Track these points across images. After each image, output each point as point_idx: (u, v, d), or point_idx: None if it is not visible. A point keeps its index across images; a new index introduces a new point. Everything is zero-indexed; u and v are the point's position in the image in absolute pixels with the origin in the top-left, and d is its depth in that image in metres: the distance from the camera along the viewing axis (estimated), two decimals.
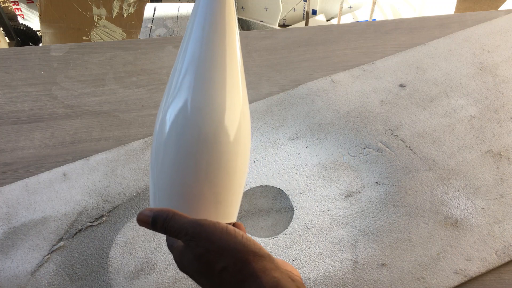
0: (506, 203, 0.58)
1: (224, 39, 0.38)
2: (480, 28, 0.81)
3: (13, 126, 0.69)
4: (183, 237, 0.35)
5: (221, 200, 0.39)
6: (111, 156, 0.64)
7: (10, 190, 0.60)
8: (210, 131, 0.37)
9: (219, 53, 0.38)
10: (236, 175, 0.39)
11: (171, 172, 0.38)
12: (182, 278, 0.53)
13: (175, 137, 0.37)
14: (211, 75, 0.38)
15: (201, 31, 0.38)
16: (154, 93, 0.73)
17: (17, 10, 1.90)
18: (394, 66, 0.75)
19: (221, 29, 0.38)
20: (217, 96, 0.37)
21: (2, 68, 0.77)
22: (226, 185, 0.39)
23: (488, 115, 0.68)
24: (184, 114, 0.37)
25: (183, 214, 0.36)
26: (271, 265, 0.34)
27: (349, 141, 0.65)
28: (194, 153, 0.37)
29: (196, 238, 0.34)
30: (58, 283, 0.52)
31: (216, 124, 0.37)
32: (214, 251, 0.34)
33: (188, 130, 0.37)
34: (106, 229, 0.56)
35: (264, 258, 0.34)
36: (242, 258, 0.33)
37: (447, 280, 0.52)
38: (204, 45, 0.38)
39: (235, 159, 0.39)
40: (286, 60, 0.78)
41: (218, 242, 0.34)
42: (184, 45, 0.39)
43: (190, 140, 0.37)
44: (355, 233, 0.56)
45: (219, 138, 0.37)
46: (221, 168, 0.38)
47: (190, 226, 0.34)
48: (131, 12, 1.56)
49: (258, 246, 0.35)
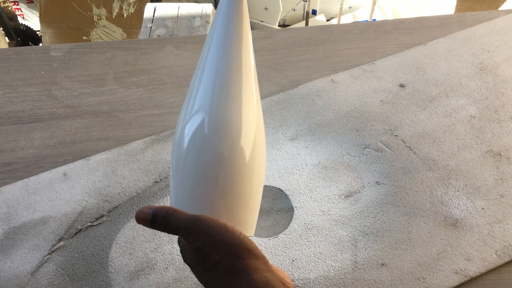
0: (506, 203, 0.58)
1: (241, 56, 0.39)
2: (480, 28, 0.81)
3: (13, 126, 0.69)
4: (182, 232, 0.35)
5: (238, 218, 0.39)
6: (111, 156, 0.64)
7: (10, 190, 0.60)
8: (226, 151, 0.38)
9: (237, 71, 0.39)
10: (253, 193, 0.40)
11: (190, 188, 0.39)
12: (182, 278, 0.53)
13: (193, 154, 0.38)
14: (229, 94, 0.38)
15: (221, 48, 0.39)
16: (154, 93, 0.73)
17: (17, 10, 1.90)
18: (394, 66, 0.75)
19: (239, 47, 0.39)
20: (234, 116, 0.38)
21: (2, 68, 0.77)
22: (243, 204, 0.39)
23: (488, 115, 0.68)
24: (201, 133, 0.38)
25: (182, 211, 0.36)
26: (264, 266, 0.35)
27: (349, 141, 0.65)
28: (211, 172, 0.38)
29: (195, 232, 0.35)
30: (58, 283, 0.52)
31: (232, 144, 0.38)
32: (210, 244, 0.34)
33: (205, 149, 0.38)
34: (106, 229, 0.56)
35: (258, 258, 0.35)
36: (237, 253, 0.34)
37: (447, 280, 0.52)
38: (223, 62, 0.39)
39: (251, 178, 0.39)
40: (286, 60, 0.78)
41: (215, 236, 0.34)
42: (204, 56, 0.40)
43: (207, 159, 0.38)
44: (355, 233, 0.56)
45: (235, 158, 0.38)
46: (237, 187, 0.39)
47: (189, 220, 0.35)
48: (131, 12, 1.56)
49: (254, 246, 0.35)
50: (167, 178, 0.61)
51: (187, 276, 0.53)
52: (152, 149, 0.64)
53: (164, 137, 0.66)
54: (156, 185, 0.60)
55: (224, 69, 0.39)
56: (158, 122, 0.69)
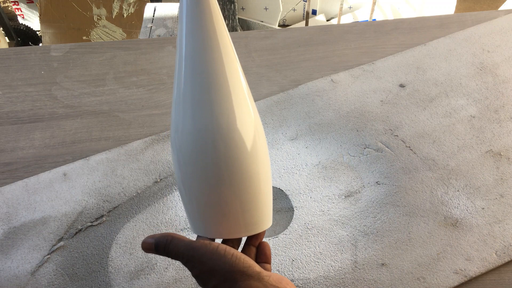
0: (506, 203, 0.58)
1: (218, 45, 0.37)
2: (480, 28, 0.81)
3: (13, 126, 0.69)
4: (182, 261, 0.38)
5: (248, 209, 0.40)
6: (111, 156, 0.64)
7: (10, 190, 0.60)
8: (222, 146, 0.37)
9: (214, 61, 0.37)
10: (261, 182, 0.40)
11: (198, 194, 0.39)
12: (182, 278, 0.53)
13: (195, 158, 0.38)
14: (213, 93, 0.37)
15: (191, 45, 0.36)
16: (154, 93, 0.73)
17: (17, 10, 1.90)
18: (394, 66, 0.75)
19: (211, 40, 0.36)
20: (223, 113, 0.37)
21: (2, 68, 0.77)
22: (250, 193, 0.40)
23: (488, 115, 0.68)
24: (192, 137, 0.38)
25: (180, 237, 0.39)
26: (258, 283, 0.36)
27: (349, 141, 0.65)
28: (214, 170, 0.38)
29: (190, 261, 0.37)
30: (58, 283, 0.52)
31: (229, 138, 0.38)
32: (205, 271, 0.37)
33: (202, 151, 0.38)
34: (106, 229, 0.56)
35: (251, 277, 0.36)
36: (230, 278, 0.36)
37: (447, 280, 0.52)
38: (199, 59, 0.37)
39: (255, 166, 0.39)
40: (286, 60, 0.78)
41: (208, 263, 0.37)
42: (178, 59, 0.38)
43: (207, 160, 0.38)
44: (355, 233, 0.56)
45: (234, 150, 0.38)
46: (243, 177, 0.39)
47: (184, 250, 0.38)
48: (131, 12, 1.56)
49: (247, 265, 0.37)
50: (167, 178, 0.61)
51: (187, 276, 0.53)
52: (152, 149, 0.64)
53: (164, 137, 0.66)
54: (156, 185, 0.60)
55: (212, 80, 0.37)
56: (158, 122, 0.69)
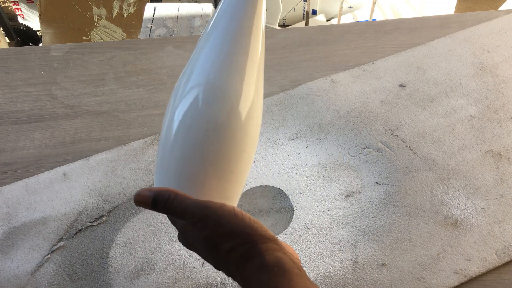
0: (506, 203, 0.58)
1: (252, 27, 0.38)
2: (480, 28, 0.81)
3: (13, 126, 0.69)
4: (190, 219, 0.35)
5: (225, 191, 0.39)
6: (111, 156, 0.64)
7: (10, 190, 0.60)
8: (221, 118, 0.37)
9: (247, 37, 0.38)
10: (243, 166, 0.39)
11: (180, 162, 0.38)
12: (182, 278, 0.53)
13: (184, 127, 0.37)
14: (233, 60, 0.37)
15: (231, 18, 0.38)
16: (154, 93, 0.73)
17: (17, 10, 1.90)
18: (394, 66, 0.75)
19: (250, 20, 0.38)
20: (235, 82, 0.37)
21: (2, 68, 0.77)
22: (232, 175, 0.39)
23: (488, 115, 0.68)
24: (195, 107, 0.37)
25: (185, 194, 0.36)
26: (276, 246, 0.36)
27: (349, 141, 0.65)
28: (202, 143, 0.37)
29: (203, 221, 0.35)
30: (58, 283, 0.52)
31: (230, 110, 0.37)
32: (223, 233, 0.35)
33: (197, 123, 0.37)
34: (106, 229, 0.56)
35: (269, 240, 0.36)
36: (250, 240, 0.35)
37: (447, 280, 0.52)
38: (234, 27, 0.38)
39: (244, 146, 0.39)
40: (286, 60, 0.78)
41: (227, 225, 0.35)
42: (207, 33, 0.39)
43: (199, 131, 0.37)
44: (355, 233, 0.56)
45: (230, 125, 0.37)
46: (229, 157, 0.38)
47: (196, 208, 0.35)
48: (131, 12, 1.56)
49: (265, 229, 0.36)
50: None
51: (187, 276, 0.53)
52: (152, 149, 0.64)
53: None
54: None
55: (234, 34, 0.37)
56: (158, 122, 0.69)
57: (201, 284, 0.52)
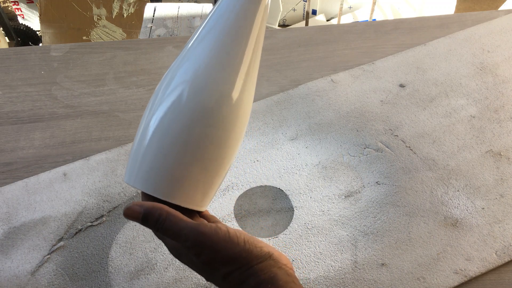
0: (506, 203, 0.58)
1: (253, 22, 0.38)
2: (480, 28, 0.81)
3: (13, 126, 0.69)
4: (183, 243, 0.35)
5: (208, 181, 0.39)
6: (111, 156, 0.64)
7: (10, 190, 0.60)
8: (211, 102, 0.37)
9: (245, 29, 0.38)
10: (225, 164, 0.39)
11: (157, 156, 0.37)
12: (182, 278, 0.53)
13: (191, 101, 0.37)
14: (226, 52, 0.38)
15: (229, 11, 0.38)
16: None
17: (17, 10, 1.90)
18: (394, 66, 0.75)
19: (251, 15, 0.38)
20: (226, 70, 0.38)
21: (2, 68, 0.77)
22: (211, 173, 0.39)
23: (488, 115, 0.68)
24: (177, 102, 0.37)
25: (177, 214, 0.36)
26: (271, 261, 0.36)
27: (349, 141, 0.65)
28: (192, 120, 0.37)
29: (198, 246, 0.35)
30: (58, 283, 0.52)
31: (219, 95, 0.37)
32: (219, 260, 0.35)
33: (191, 97, 0.37)
34: (106, 229, 0.56)
35: (265, 258, 0.36)
36: (247, 264, 0.35)
37: (447, 280, 0.52)
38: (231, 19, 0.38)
39: (234, 126, 0.39)
40: (286, 60, 0.78)
41: (223, 252, 0.35)
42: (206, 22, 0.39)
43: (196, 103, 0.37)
44: (355, 233, 0.56)
45: (220, 107, 0.37)
46: (218, 135, 0.38)
47: (190, 232, 0.35)
48: (131, 12, 1.56)
49: (259, 247, 0.36)
50: None
51: (187, 276, 0.53)
52: None
53: None
54: None
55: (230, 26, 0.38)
56: None
57: (201, 284, 0.52)
